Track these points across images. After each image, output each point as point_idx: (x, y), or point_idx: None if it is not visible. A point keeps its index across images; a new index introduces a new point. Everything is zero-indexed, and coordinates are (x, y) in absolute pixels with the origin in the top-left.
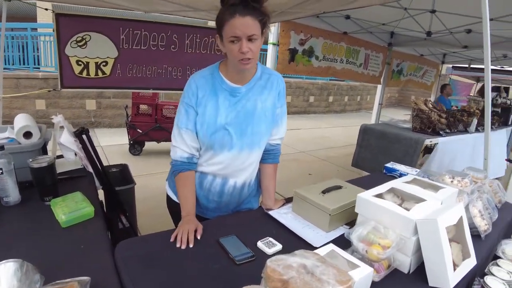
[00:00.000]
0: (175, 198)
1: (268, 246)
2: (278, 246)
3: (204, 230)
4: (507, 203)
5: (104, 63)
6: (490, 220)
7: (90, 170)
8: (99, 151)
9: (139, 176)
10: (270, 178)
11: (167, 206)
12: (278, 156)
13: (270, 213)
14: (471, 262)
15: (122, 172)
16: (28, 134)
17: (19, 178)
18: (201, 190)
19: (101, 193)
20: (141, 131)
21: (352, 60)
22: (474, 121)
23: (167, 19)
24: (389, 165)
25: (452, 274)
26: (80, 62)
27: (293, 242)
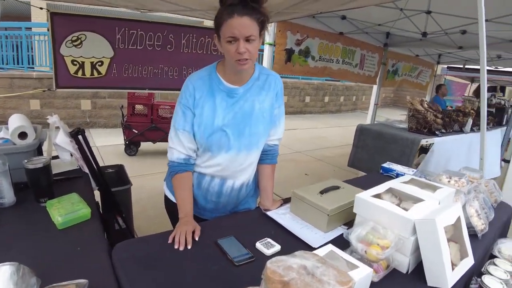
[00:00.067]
0: (173, 199)
1: (266, 247)
2: (277, 247)
3: (202, 231)
4: (503, 203)
5: (99, 63)
6: (487, 219)
7: (86, 171)
8: (94, 152)
9: (135, 176)
10: (268, 179)
11: (165, 206)
12: (276, 156)
13: (268, 213)
14: (469, 262)
15: (118, 172)
16: (23, 135)
17: (14, 179)
18: (199, 190)
19: (96, 194)
20: (136, 132)
21: (348, 60)
22: (469, 121)
23: (164, 19)
24: (385, 165)
25: (450, 274)
26: (75, 62)
27: (291, 243)
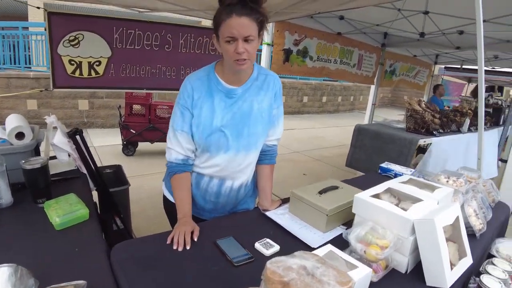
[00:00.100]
0: (172, 199)
1: (265, 247)
2: (276, 247)
3: (200, 231)
4: (501, 203)
5: (97, 63)
6: (485, 219)
7: (84, 171)
8: (92, 152)
9: (133, 177)
10: (267, 179)
11: (164, 206)
12: (275, 157)
13: (267, 214)
14: (468, 261)
15: (116, 173)
16: (20, 135)
17: (11, 179)
18: (198, 190)
19: (94, 194)
20: (134, 132)
21: (346, 60)
22: (467, 121)
23: (162, 19)
24: (384, 165)
25: (449, 273)
26: (72, 62)
27: (290, 243)
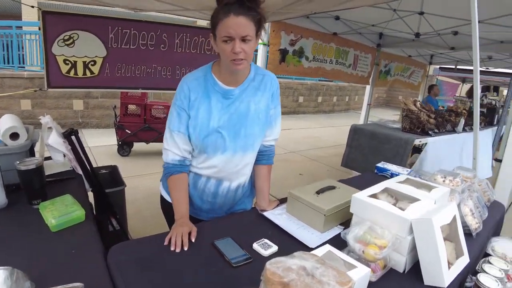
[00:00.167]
0: (169, 199)
1: (264, 247)
2: (274, 248)
3: (198, 232)
4: (496, 202)
5: (92, 63)
6: (481, 218)
7: (80, 172)
8: (87, 152)
9: (128, 177)
10: (264, 179)
11: (161, 207)
12: (272, 157)
13: (265, 214)
14: (465, 260)
15: (112, 173)
16: (15, 135)
17: (6, 180)
18: (195, 190)
19: (90, 195)
20: (129, 132)
21: (341, 60)
22: (462, 121)
23: (157, 18)
24: (380, 165)
25: (447, 273)
26: (67, 61)
27: (288, 243)
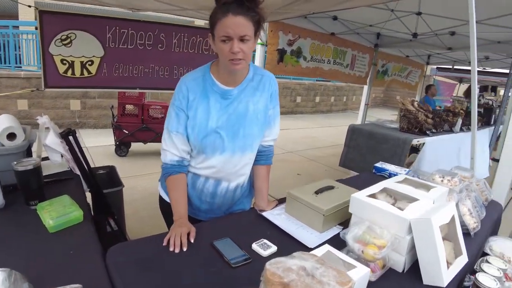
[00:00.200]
0: (168, 199)
1: (263, 248)
2: (273, 248)
3: (197, 233)
4: (493, 201)
5: (89, 62)
6: (479, 218)
7: (77, 172)
8: (84, 153)
9: (126, 177)
10: (263, 180)
11: (160, 207)
12: (271, 157)
13: (264, 214)
14: (463, 260)
15: (110, 174)
16: (12, 136)
17: (3, 181)
18: (193, 190)
19: (88, 195)
20: (127, 132)
21: (339, 61)
22: (459, 121)
23: (155, 18)
24: (378, 164)
25: (446, 272)
26: (64, 61)
27: (287, 243)
